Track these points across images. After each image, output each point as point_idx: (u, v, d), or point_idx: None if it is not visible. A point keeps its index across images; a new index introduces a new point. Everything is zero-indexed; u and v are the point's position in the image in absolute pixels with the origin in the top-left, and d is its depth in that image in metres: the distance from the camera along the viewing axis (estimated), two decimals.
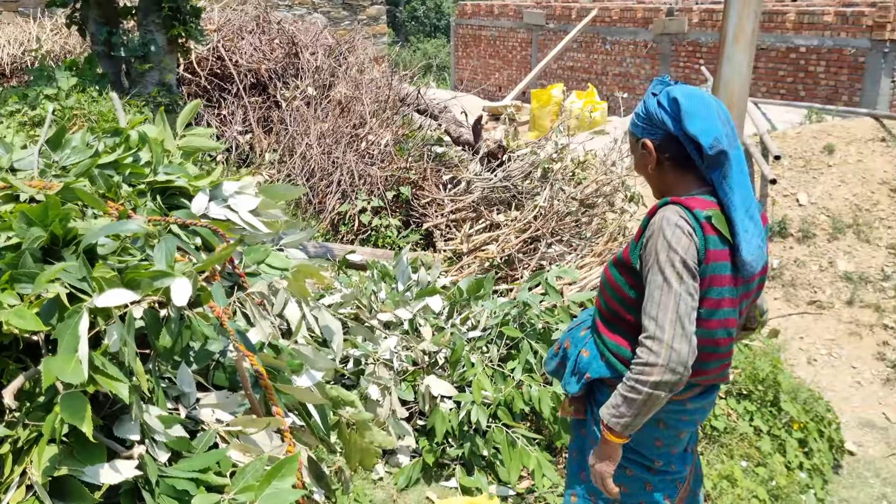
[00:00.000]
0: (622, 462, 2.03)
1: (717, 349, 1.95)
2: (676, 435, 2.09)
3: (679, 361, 1.79)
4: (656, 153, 1.98)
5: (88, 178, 1.84)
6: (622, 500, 2.14)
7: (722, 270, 1.88)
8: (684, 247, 1.82)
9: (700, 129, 1.88)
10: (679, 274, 1.82)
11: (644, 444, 2.07)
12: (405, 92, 7.46)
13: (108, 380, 1.24)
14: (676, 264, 1.82)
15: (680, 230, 1.83)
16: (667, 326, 1.80)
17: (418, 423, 3.60)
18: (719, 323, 1.91)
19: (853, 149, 6.58)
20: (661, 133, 1.95)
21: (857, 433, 4.53)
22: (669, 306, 1.81)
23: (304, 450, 1.72)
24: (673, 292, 1.81)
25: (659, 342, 1.80)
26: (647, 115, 1.98)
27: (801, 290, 5.84)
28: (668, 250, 1.83)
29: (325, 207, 5.83)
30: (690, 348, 1.80)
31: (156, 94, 5.28)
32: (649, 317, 1.83)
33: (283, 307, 2.11)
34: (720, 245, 1.87)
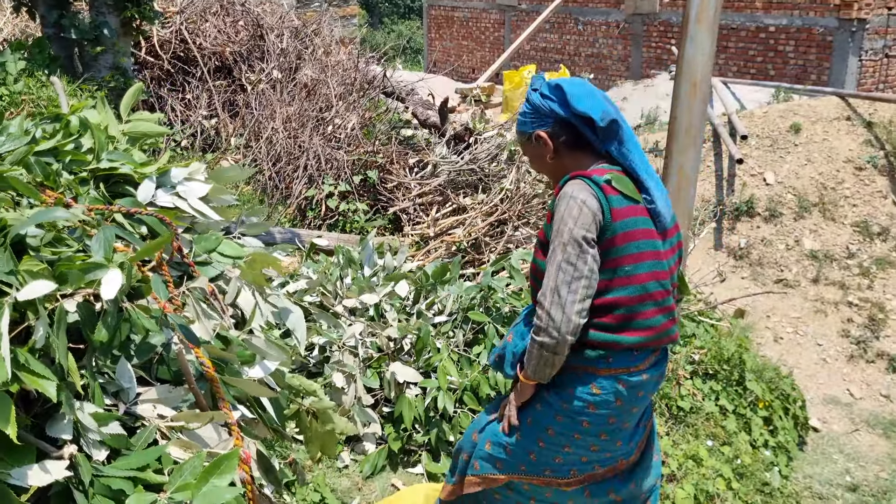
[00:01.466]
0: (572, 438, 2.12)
1: (656, 302, 2.02)
2: (629, 409, 2.11)
3: (554, 327, 1.94)
4: (552, 141, 2.08)
5: (24, 166, 1.77)
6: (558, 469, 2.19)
7: (634, 225, 1.98)
8: (574, 216, 1.94)
9: (588, 106, 2.01)
10: (563, 244, 1.94)
11: (599, 423, 2.10)
12: (373, 74, 7.37)
13: (33, 378, 1.19)
14: (564, 235, 1.94)
15: (573, 200, 1.95)
16: (548, 294, 1.96)
17: (384, 410, 3.58)
18: (648, 276, 2.00)
19: (819, 128, 6.62)
20: (552, 121, 2.07)
21: (822, 410, 4.58)
22: (551, 275, 1.96)
23: (253, 443, 1.68)
24: (555, 263, 1.95)
25: (541, 308, 1.97)
26: (533, 109, 2.09)
27: (768, 268, 5.88)
28: (560, 222, 1.96)
29: (291, 192, 5.75)
30: (565, 316, 1.93)
31: (109, 78, 5.15)
32: (543, 285, 1.98)
33: (236, 296, 2.06)
34: (626, 202, 1.98)
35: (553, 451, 2.17)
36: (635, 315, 2.01)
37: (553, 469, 2.20)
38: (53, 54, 5.09)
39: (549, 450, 2.18)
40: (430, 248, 4.78)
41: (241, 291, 2.05)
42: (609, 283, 2.00)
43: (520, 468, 2.23)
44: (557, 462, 2.18)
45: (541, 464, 2.20)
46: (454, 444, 3.44)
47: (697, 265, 5.66)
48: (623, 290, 1.99)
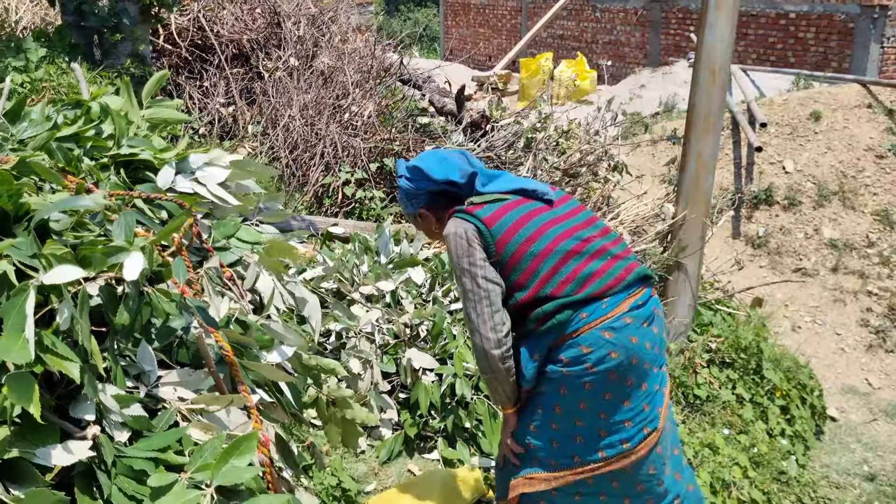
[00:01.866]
0: (577, 406, 2.16)
1: (580, 254, 2.15)
2: (629, 358, 2.13)
3: (479, 351, 2.16)
4: (431, 213, 2.34)
5: (47, 152, 1.79)
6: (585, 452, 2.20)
7: (514, 217, 2.17)
8: (456, 250, 2.17)
9: (445, 172, 2.25)
10: (459, 278, 2.17)
11: (602, 376, 2.13)
12: (389, 62, 7.36)
13: (57, 359, 1.21)
14: (457, 270, 2.17)
15: (451, 237, 2.18)
16: (467, 326, 2.19)
17: (400, 396, 3.60)
18: (556, 241, 2.14)
19: (839, 115, 6.54)
20: (425, 196, 2.32)
21: (840, 399, 4.56)
22: (464, 308, 2.18)
23: (272, 427, 1.70)
24: (462, 297, 2.18)
25: (477, 339, 2.17)
26: (406, 194, 2.35)
27: (787, 257, 5.84)
28: (451, 262, 2.20)
29: (308, 180, 5.77)
30: (482, 337, 2.14)
31: (128, 65, 5.17)
32: (468, 323, 2.18)
33: (255, 282, 2.08)
34: (494, 207, 2.19)
35: (568, 430, 2.18)
36: (570, 275, 2.13)
37: (579, 453, 2.19)
38: (73, 42, 5.12)
39: (564, 430, 2.19)
40: None
41: (259, 277, 2.07)
42: (528, 271, 2.15)
43: (550, 463, 2.23)
44: (579, 443, 2.18)
45: (566, 451, 2.20)
46: (470, 431, 3.46)
47: (715, 253, 5.63)
48: (543, 267, 2.13)
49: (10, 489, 1.16)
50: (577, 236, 2.16)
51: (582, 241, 2.16)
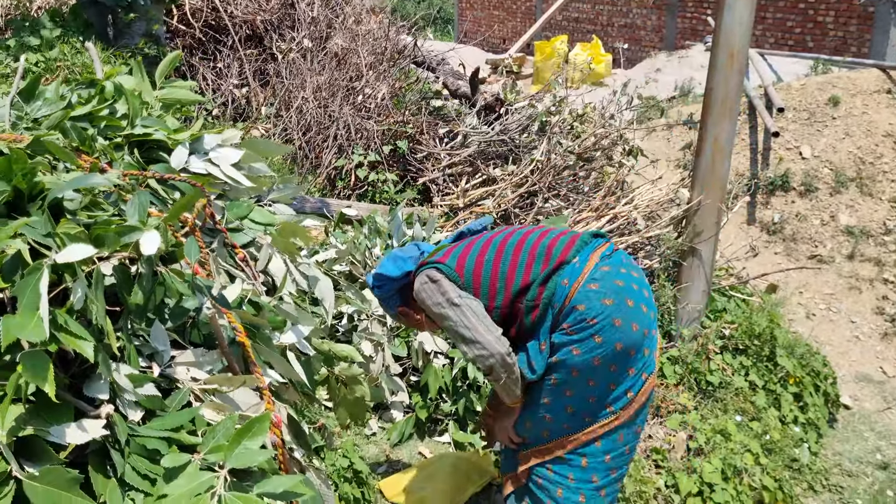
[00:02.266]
0: (588, 375, 2.24)
1: (528, 244, 2.32)
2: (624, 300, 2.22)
3: (487, 360, 2.21)
4: (409, 308, 2.49)
5: (61, 131, 1.79)
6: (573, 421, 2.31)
7: (461, 248, 2.38)
8: (440, 292, 2.29)
9: (401, 266, 2.45)
10: (443, 317, 2.28)
11: (609, 335, 2.21)
12: (403, 44, 7.32)
13: (71, 338, 1.21)
14: (444, 306, 2.27)
15: (424, 285, 2.32)
16: (465, 348, 2.25)
17: (412, 378, 3.60)
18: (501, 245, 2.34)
19: (858, 101, 6.46)
20: (397, 296, 2.49)
21: (854, 387, 4.52)
22: (456, 338, 2.27)
23: (283, 407, 1.70)
24: (451, 331, 2.27)
25: (473, 360, 2.25)
26: (382, 299, 2.53)
27: (802, 244, 5.79)
28: (434, 306, 2.29)
29: (321, 162, 5.76)
30: (484, 345, 2.20)
31: (142, 45, 5.16)
32: (466, 345, 2.24)
33: (268, 263, 2.08)
34: (443, 250, 2.40)
35: (582, 393, 2.26)
36: (529, 259, 2.28)
37: (591, 413, 2.28)
38: (88, 21, 5.11)
39: (577, 395, 2.26)
40: (459, 218, 4.76)
41: (272, 258, 2.07)
42: (493, 279, 2.30)
43: (563, 427, 2.31)
44: (592, 402, 2.27)
45: (579, 414, 2.28)
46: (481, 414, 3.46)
47: (730, 239, 5.59)
48: (503, 267, 2.30)
49: (25, 466, 1.17)
50: (517, 234, 2.39)
51: (523, 234, 2.38)
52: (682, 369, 3.87)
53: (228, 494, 1.18)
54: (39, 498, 1.13)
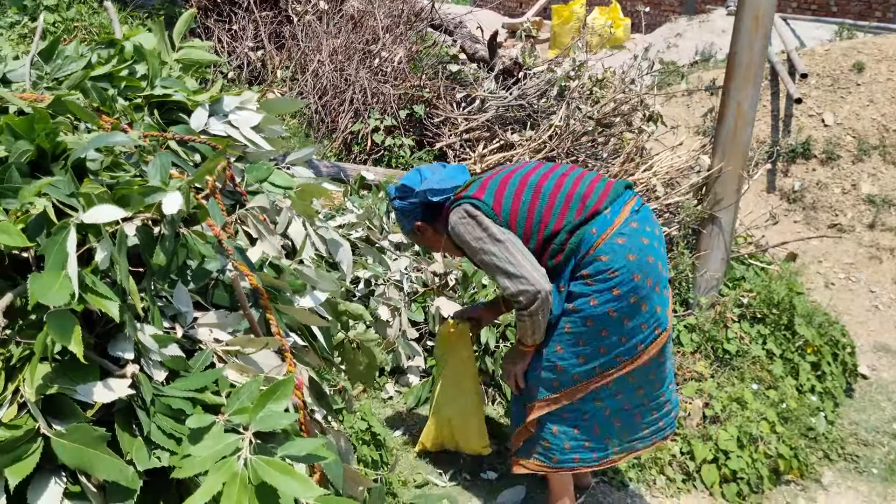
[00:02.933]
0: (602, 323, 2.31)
1: (565, 188, 2.34)
2: (645, 257, 2.30)
3: (529, 295, 2.25)
4: (428, 224, 2.53)
5: (81, 91, 1.78)
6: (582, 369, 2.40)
7: (496, 183, 2.39)
8: (478, 227, 2.32)
9: (428, 182, 2.47)
10: (481, 250, 2.31)
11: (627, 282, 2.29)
12: (420, 6, 7.22)
13: (97, 298, 1.21)
14: (483, 241, 2.31)
15: (463, 220, 2.35)
16: (504, 281, 2.29)
17: (428, 343, 3.61)
18: (538, 187, 2.36)
19: (884, 67, 6.33)
20: (418, 210, 2.51)
21: (872, 357, 4.50)
22: (496, 270, 2.30)
23: (305, 370, 1.70)
24: (490, 264, 2.31)
25: (511, 294, 2.29)
26: (401, 212, 2.55)
27: (822, 212, 5.72)
28: (473, 240, 2.33)
29: (337, 127, 5.73)
30: (528, 280, 2.25)
31: (159, 6, 5.13)
32: (509, 279, 2.28)
33: (287, 226, 2.07)
34: (477, 182, 2.41)
35: (595, 343, 2.34)
36: (564, 205, 2.32)
37: (602, 363, 2.36)
38: None
39: (590, 345, 2.34)
40: None
41: (291, 221, 2.06)
42: (528, 220, 2.33)
43: (573, 378, 2.39)
44: (602, 353, 2.35)
45: (591, 363, 2.36)
46: (496, 379, 3.47)
47: (749, 207, 5.53)
48: (538, 209, 2.33)
49: (53, 424, 1.18)
50: (553, 176, 2.39)
51: (560, 176, 2.39)
52: (700, 337, 3.86)
53: (255, 458, 1.19)
54: (67, 455, 1.14)
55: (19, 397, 1.20)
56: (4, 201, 1.28)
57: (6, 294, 1.23)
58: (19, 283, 1.29)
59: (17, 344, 1.26)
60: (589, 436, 2.48)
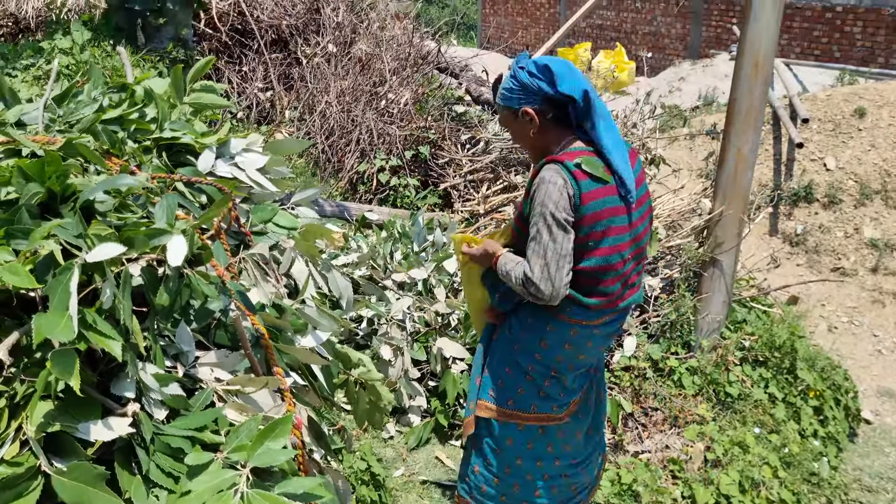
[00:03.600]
0: (527, 368, 2.41)
1: (616, 271, 2.26)
2: (576, 355, 2.40)
3: (543, 297, 2.17)
4: (538, 117, 2.22)
5: (92, 134, 1.83)
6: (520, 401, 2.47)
7: (601, 206, 2.18)
8: (555, 200, 2.13)
9: (571, 87, 2.16)
10: (548, 225, 2.14)
11: (549, 358, 2.39)
12: (427, 49, 7.36)
13: (100, 337, 1.24)
14: (547, 217, 2.14)
15: (552, 185, 2.13)
16: (536, 269, 2.16)
17: (430, 383, 3.62)
18: (610, 249, 2.21)
19: (885, 112, 6.40)
20: (539, 98, 2.21)
21: (875, 402, 4.48)
22: (539, 252, 2.16)
23: (304, 409, 1.72)
24: (542, 242, 2.15)
25: (530, 281, 2.17)
26: (521, 86, 2.22)
27: (825, 256, 5.74)
28: (542, 205, 2.14)
29: (343, 166, 5.80)
30: (554, 289, 2.16)
31: (171, 49, 5.24)
32: (528, 260, 2.19)
33: (290, 266, 2.10)
34: (594, 185, 2.16)
35: (516, 380, 2.44)
36: (597, 283, 2.25)
37: (515, 400, 2.46)
38: (118, 25, 5.19)
39: (514, 377, 2.44)
40: (479, 225, 4.78)
41: (294, 261, 2.09)
42: (577, 254, 2.22)
43: (507, 402, 2.48)
44: (520, 393, 2.44)
45: (507, 391, 2.47)
46: None
47: (752, 250, 5.56)
48: (587, 262, 2.21)
49: (54, 461, 1.20)
50: (622, 254, 2.25)
51: (622, 260, 2.27)
52: (701, 380, 3.86)
53: (251, 492, 1.20)
54: (67, 492, 1.16)
55: (21, 434, 1.23)
56: (14, 242, 1.31)
57: (12, 333, 1.26)
58: (26, 322, 1.33)
59: (21, 382, 1.29)
60: None
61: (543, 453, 2.52)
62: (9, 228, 1.32)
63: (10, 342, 1.23)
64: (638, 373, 3.81)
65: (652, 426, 3.67)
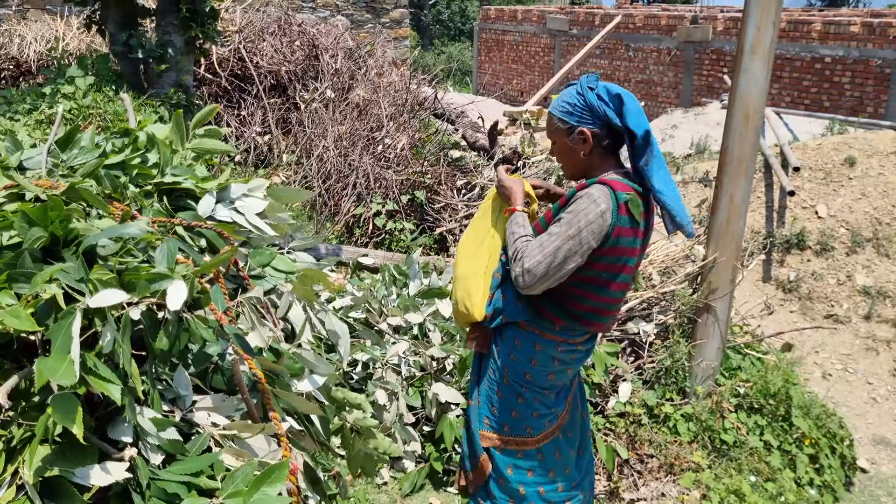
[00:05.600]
0: (519, 389, 2.42)
1: (613, 307, 2.35)
2: (564, 370, 2.44)
3: (529, 278, 2.16)
4: (592, 141, 2.22)
5: (95, 179, 1.86)
6: (515, 426, 2.47)
7: (628, 244, 2.19)
8: (590, 220, 2.11)
9: (637, 123, 2.16)
10: (572, 235, 2.12)
11: (539, 377, 2.41)
12: (423, 96, 7.47)
13: (100, 381, 1.25)
14: (573, 228, 2.12)
15: (595, 206, 2.12)
16: (538, 255, 2.14)
17: (424, 428, 3.60)
18: (619, 285, 2.27)
19: (875, 161, 6.49)
20: (601, 123, 2.21)
21: (871, 450, 4.46)
22: (552, 243, 2.13)
23: (300, 454, 1.72)
24: (559, 239, 2.13)
25: (530, 256, 2.16)
26: (587, 107, 2.21)
27: (818, 303, 5.77)
28: (579, 215, 2.12)
29: (340, 210, 5.85)
30: (532, 288, 2.17)
31: (172, 94, 5.32)
32: (530, 245, 2.18)
33: (288, 310, 2.11)
34: (629, 224, 2.17)
35: (509, 403, 2.45)
36: (595, 311, 2.30)
37: (511, 426, 2.46)
38: (120, 71, 5.28)
39: (506, 401, 2.45)
40: None
41: (292, 306, 2.11)
42: (587, 279, 2.23)
43: (504, 428, 2.48)
44: (514, 417, 2.45)
45: (501, 416, 2.47)
46: None
47: (745, 297, 5.58)
48: (597, 292, 2.25)
49: None
50: (623, 293, 2.35)
51: (622, 295, 2.36)
52: (696, 427, 3.85)
53: None
54: None
55: (18, 479, 1.22)
56: (17, 286, 1.33)
57: (12, 376, 1.27)
58: (25, 365, 1.34)
59: (19, 425, 1.29)
60: None
61: (545, 479, 2.51)
62: (11, 272, 1.34)
63: (10, 385, 1.24)
64: (633, 419, 3.79)
65: (647, 473, 3.64)
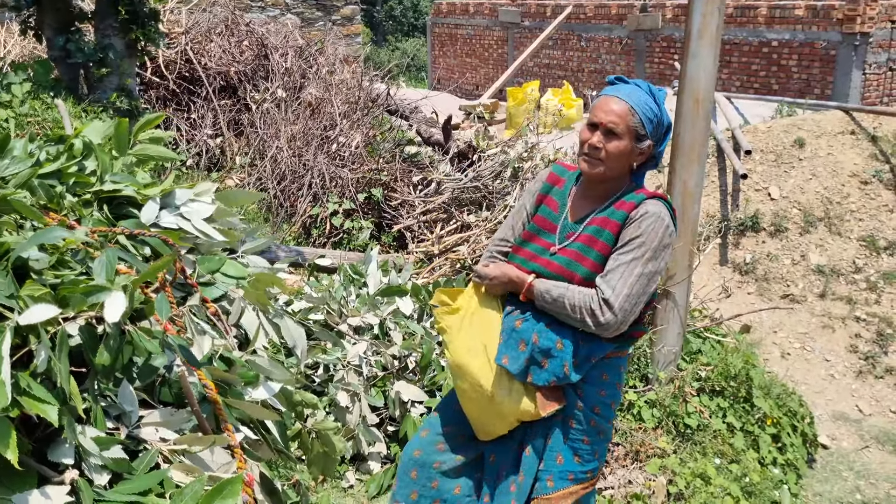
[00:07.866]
0: (605, 426, 2.25)
1: None
2: None
3: (615, 324, 2.07)
4: (645, 155, 2.22)
5: (28, 189, 1.78)
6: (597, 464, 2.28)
7: None
8: (665, 244, 2.11)
9: (661, 153, 2.25)
10: (652, 260, 2.09)
11: (620, 396, 2.31)
12: (377, 92, 7.40)
13: (34, 402, 1.19)
14: (653, 253, 2.09)
15: (663, 223, 2.11)
16: (621, 298, 2.06)
17: (389, 428, 3.56)
18: None
19: (823, 142, 6.61)
20: (654, 144, 2.22)
21: (831, 426, 4.54)
22: (628, 281, 2.07)
23: (256, 465, 1.67)
24: (636, 273, 2.08)
25: (609, 306, 2.06)
26: (665, 127, 2.23)
27: (774, 284, 5.86)
28: (650, 237, 2.09)
29: (296, 211, 5.76)
30: (622, 322, 2.08)
31: (114, 99, 5.17)
32: (609, 284, 2.07)
33: (240, 317, 2.05)
34: None
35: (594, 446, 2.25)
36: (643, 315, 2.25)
37: (593, 469, 2.27)
38: (58, 76, 5.11)
39: (593, 443, 2.24)
40: (434, 265, 4.77)
41: (244, 312, 2.05)
42: None
43: (587, 473, 2.25)
44: (596, 457, 2.26)
45: (585, 463, 2.25)
46: None
47: (703, 281, 5.64)
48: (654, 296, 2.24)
49: None
50: None
51: None
52: (660, 412, 3.87)
53: None
54: None
55: None
56: None
57: None
58: None
59: None
60: None
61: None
62: None
63: None
64: None
65: (614, 461, 3.65)
